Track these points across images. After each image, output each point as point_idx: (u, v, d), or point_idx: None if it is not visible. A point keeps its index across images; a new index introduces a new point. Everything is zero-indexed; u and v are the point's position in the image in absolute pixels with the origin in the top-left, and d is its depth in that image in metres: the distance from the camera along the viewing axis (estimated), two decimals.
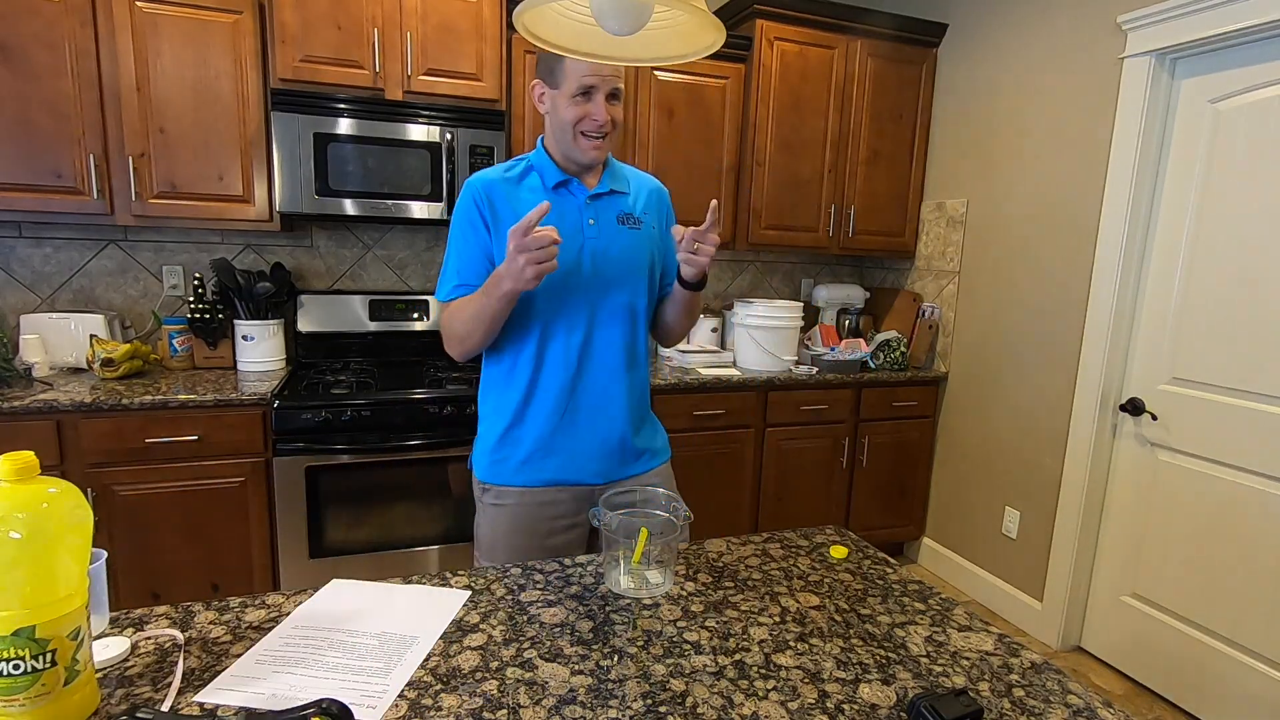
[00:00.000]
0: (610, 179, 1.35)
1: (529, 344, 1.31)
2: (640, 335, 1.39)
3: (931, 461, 3.14)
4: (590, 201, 1.32)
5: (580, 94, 1.23)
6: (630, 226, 1.35)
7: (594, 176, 1.34)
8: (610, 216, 1.34)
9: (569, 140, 1.27)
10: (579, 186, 1.33)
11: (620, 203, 1.36)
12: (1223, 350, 2.09)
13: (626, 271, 1.34)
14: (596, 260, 1.31)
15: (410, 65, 2.34)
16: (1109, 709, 0.81)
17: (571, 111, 1.24)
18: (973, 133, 2.89)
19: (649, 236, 1.37)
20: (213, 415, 2.10)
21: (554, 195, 1.30)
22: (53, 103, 2.10)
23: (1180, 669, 2.22)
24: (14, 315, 2.38)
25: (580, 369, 1.32)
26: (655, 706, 0.78)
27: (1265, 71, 1.97)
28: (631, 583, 1.04)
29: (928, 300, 3.14)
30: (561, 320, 1.30)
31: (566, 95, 1.24)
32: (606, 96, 1.24)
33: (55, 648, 0.65)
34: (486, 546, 1.37)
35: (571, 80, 1.22)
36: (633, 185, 1.40)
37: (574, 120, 1.25)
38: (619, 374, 1.35)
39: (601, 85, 1.23)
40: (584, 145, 1.27)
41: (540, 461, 1.34)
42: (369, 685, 0.78)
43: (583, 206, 1.32)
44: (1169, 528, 2.24)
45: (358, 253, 2.77)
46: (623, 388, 1.36)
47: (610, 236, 1.33)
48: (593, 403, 1.34)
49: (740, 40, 2.77)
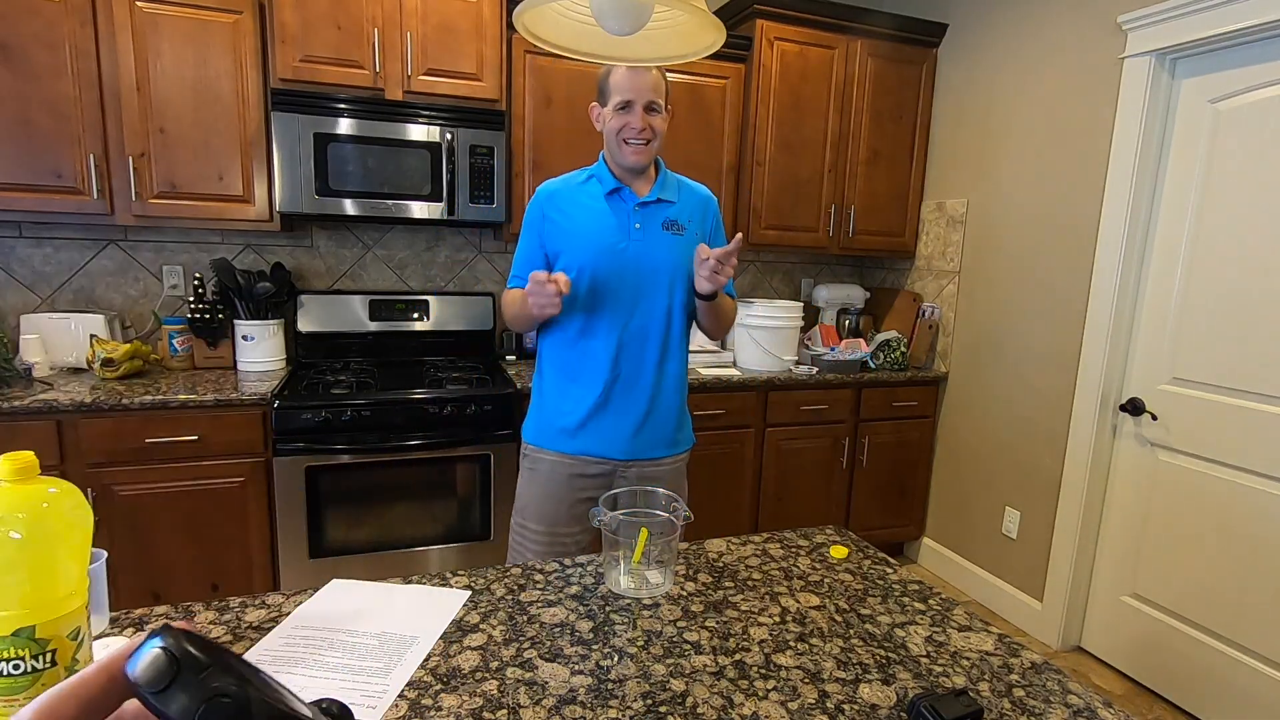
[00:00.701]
0: (660, 189, 1.52)
1: (575, 331, 1.51)
2: (675, 332, 1.54)
3: (931, 461, 3.14)
4: (638, 208, 1.50)
5: (621, 107, 1.43)
6: (674, 233, 1.51)
7: (645, 184, 1.52)
8: (656, 223, 1.50)
9: (616, 147, 1.46)
10: (630, 194, 1.50)
11: (667, 210, 1.52)
12: (1223, 350, 2.09)
13: (666, 273, 1.50)
14: (640, 261, 1.48)
15: (410, 65, 2.34)
16: (1109, 709, 0.81)
17: (615, 122, 1.44)
18: (973, 133, 2.89)
19: (690, 243, 1.51)
20: (213, 415, 2.10)
21: (607, 200, 1.49)
22: (53, 103, 2.10)
23: (1180, 669, 2.22)
24: (14, 315, 2.38)
25: (618, 357, 1.50)
26: (655, 706, 0.78)
27: (1265, 71, 1.97)
28: (631, 583, 1.04)
29: (928, 300, 3.14)
30: (606, 312, 1.49)
31: (611, 109, 1.44)
32: (644, 109, 1.42)
33: (55, 648, 0.65)
34: (521, 505, 1.58)
35: (614, 96, 1.43)
36: (681, 195, 1.56)
37: (616, 129, 1.44)
38: (653, 365, 1.52)
39: (638, 99, 1.42)
40: (626, 150, 1.45)
41: (575, 434, 1.53)
42: (369, 685, 0.78)
43: (631, 212, 1.49)
44: (1169, 528, 2.24)
45: (358, 253, 2.77)
46: (655, 378, 1.53)
47: (654, 241, 1.49)
48: (627, 390, 1.51)
49: (740, 40, 2.77)
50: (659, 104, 1.44)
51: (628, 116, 1.42)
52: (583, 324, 1.50)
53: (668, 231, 1.51)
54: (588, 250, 1.48)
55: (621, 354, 1.50)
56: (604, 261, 1.47)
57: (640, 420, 1.53)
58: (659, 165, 1.56)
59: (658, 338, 1.52)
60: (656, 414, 1.55)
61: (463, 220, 2.46)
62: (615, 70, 1.42)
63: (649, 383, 1.52)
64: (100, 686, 0.27)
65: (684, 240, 1.51)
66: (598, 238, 1.48)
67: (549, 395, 1.57)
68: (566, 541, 1.55)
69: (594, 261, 1.47)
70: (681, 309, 1.54)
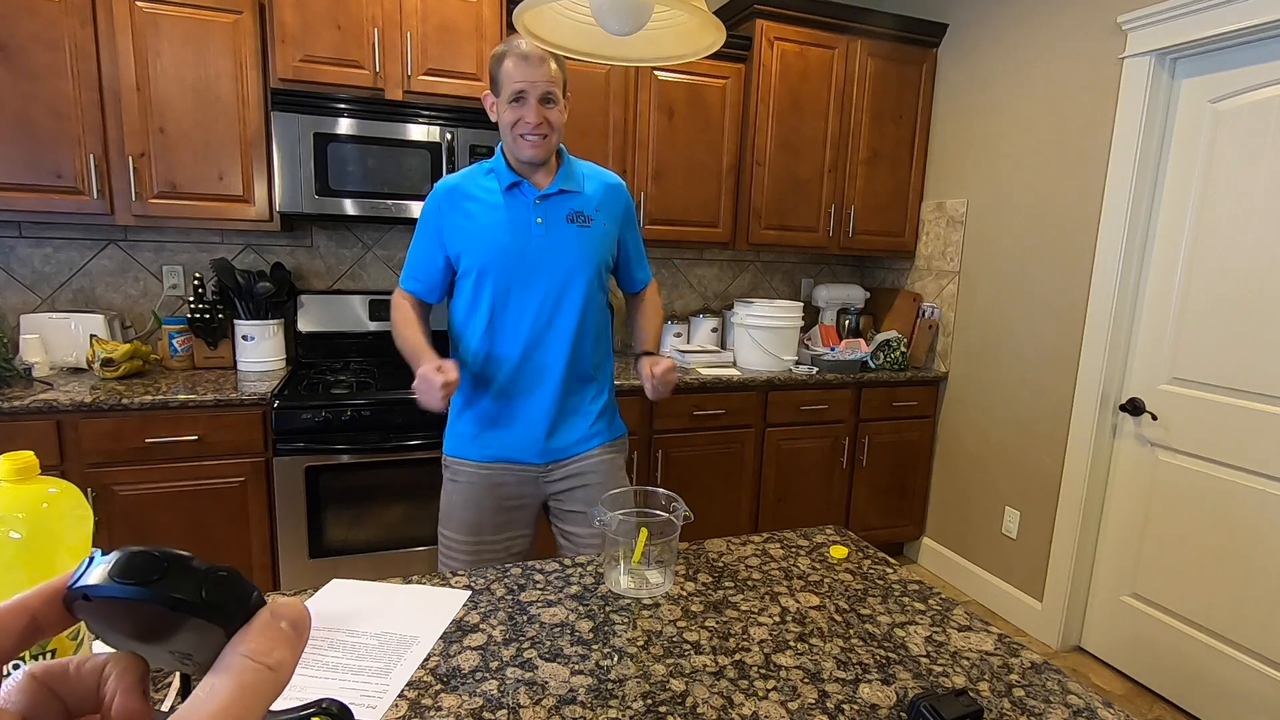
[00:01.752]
0: (563, 179, 1.44)
1: (480, 331, 1.45)
2: (588, 327, 1.49)
3: (931, 461, 3.14)
4: (539, 201, 1.42)
5: (514, 99, 1.35)
6: (580, 225, 1.45)
7: (546, 176, 1.44)
8: (559, 215, 1.43)
9: (511, 141, 1.39)
10: (529, 188, 1.43)
11: (571, 201, 1.45)
12: (1223, 350, 2.09)
13: (572, 268, 1.44)
14: (544, 256, 1.42)
15: (410, 65, 2.34)
16: (1109, 709, 0.81)
17: (508, 115, 1.37)
18: (973, 133, 2.89)
19: (599, 234, 1.47)
20: (213, 415, 2.10)
21: (505, 196, 1.42)
22: (53, 103, 2.10)
23: (1180, 669, 2.21)
24: (14, 315, 2.38)
25: (524, 357, 1.45)
26: (655, 706, 0.78)
27: (1265, 71, 1.97)
28: (631, 583, 1.04)
29: (928, 300, 3.14)
30: (510, 312, 1.43)
31: (504, 101, 1.37)
32: (539, 101, 1.34)
33: (54, 648, 0.65)
34: (443, 514, 1.54)
35: (506, 87, 1.35)
36: (588, 184, 1.48)
37: (511, 122, 1.37)
38: (561, 364, 1.46)
39: (531, 90, 1.34)
40: (522, 144, 1.38)
41: (487, 438, 1.48)
42: (369, 685, 0.78)
43: (531, 206, 1.42)
44: (1169, 528, 2.24)
45: (358, 253, 2.77)
46: (563, 377, 1.47)
47: (558, 235, 1.43)
48: (533, 390, 1.47)
49: (740, 40, 2.77)
50: (555, 94, 1.36)
51: (521, 110, 1.35)
52: (485, 327, 1.44)
53: (573, 224, 1.44)
54: (489, 250, 1.41)
55: (527, 355, 1.45)
56: (506, 260, 1.41)
57: (550, 422, 1.47)
58: (561, 154, 1.47)
59: (566, 334, 1.45)
60: (569, 413, 1.50)
61: None
62: (507, 58, 1.34)
63: (557, 380, 1.46)
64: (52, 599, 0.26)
65: (591, 231, 1.45)
66: (498, 235, 1.41)
67: (459, 401, 1.51)
68: (496, 549, 1.50)
69: (496, 261, 1.41)
70: (593, 303, 1.48)
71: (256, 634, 0.25)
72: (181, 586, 0.24)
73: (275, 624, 0.25)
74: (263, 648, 0.24)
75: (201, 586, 0.25)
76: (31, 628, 0.26)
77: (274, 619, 0.25)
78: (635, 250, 1.62)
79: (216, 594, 0.25)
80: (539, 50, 1.31)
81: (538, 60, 1.33)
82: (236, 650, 0.24)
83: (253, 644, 0.24)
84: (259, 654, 0.24)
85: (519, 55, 1.33)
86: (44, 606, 0.26)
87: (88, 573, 0.25)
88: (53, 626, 0.26)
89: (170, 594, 0.24)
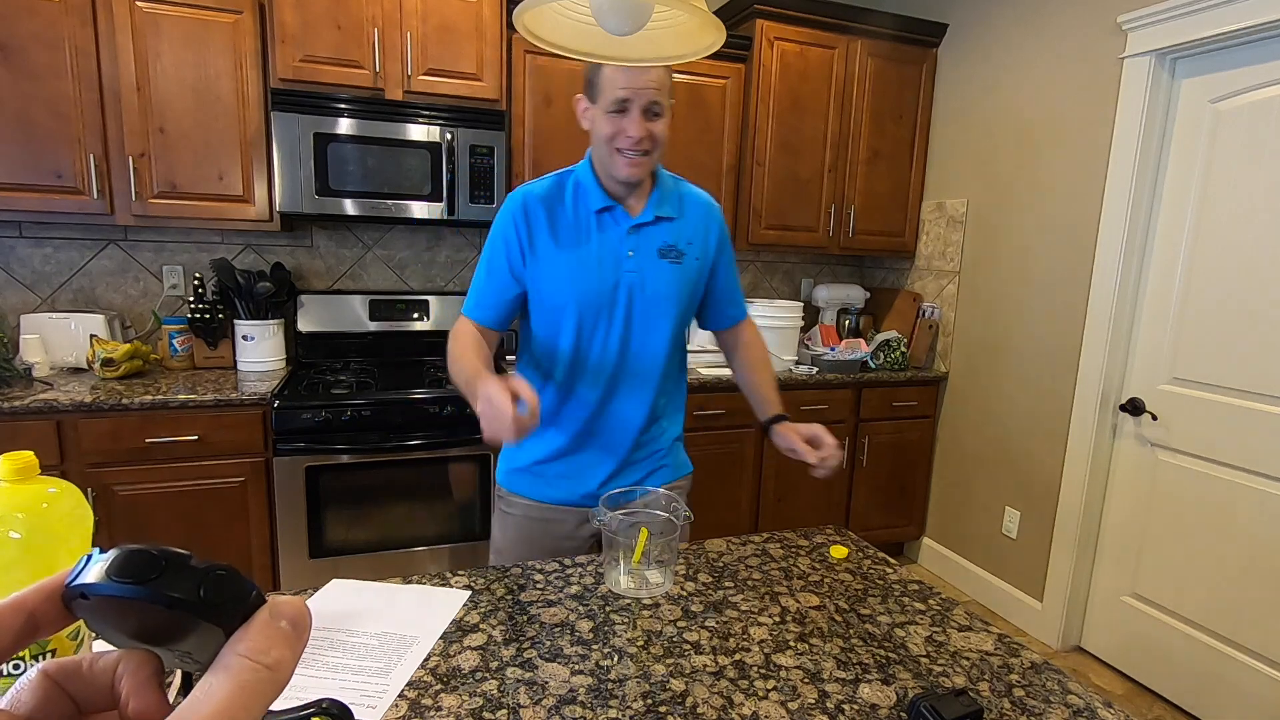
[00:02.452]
0: (657, 203, 1.27)
1: (558, 369, 1.29)
2: (672, 369, 1.35)
3: (931, 461, 3.14)
4: (632, 232, 1.26)
5: (616, 109, 1.16)
6: (671, 260, 1.28)
7: (639, 200, 1.27)
8: (652, 249, 1.27)
9: (608, 156, 1.21)
10: (622, 214, 1.26)
11: (665, 232, 1.28)
12: (1223, 350, 2.09)
13: (661, 307, 1.28)
14: (632, 294, 1.26)
15: (410, 65, 2.34)
16: (1109, 709, 0.81)
17: (607, 126, 1.18)
18: (973, 133, 2.89)
19: (690, 269, 1.31)
20: (213, 415, 2.10)
21: (597, 219, 1.25)
22: (53, 103, 2.10)
23: (1180, 669, 2.21)
24: (14, 315, 2.38)
25: (604, 400, 1.30)
26: (655, 706, 0.78)
27: (1265, 71, 1.97)
28: (631, 583, 1.04)
29: (928, 300, 3.14)
30: (590, 355, 1.27)
31: (603, 110, 1.18)
32: (643, 111, 1.16)
33: (54, 648, 0.65)
34: (496, 549, 1.41)
35: (607, 94, 1.16)
36: (684, 208, 1.32)
37: (609, 136, 1.18)
38: (641, 409, 1.32)
39: (636, 99, 1.15)
40: (619, 162, 1.19)
41: (551, 481, 1.34)
42: (369, 685, 0.78)
43: (623, 237, 1.25)
44: (1169, 528, 2.24)
45: (358, 253, 2.77)
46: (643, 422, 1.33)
47: (649, 271, 1.26)
48: (607, 435, 1.32)
49: (740, 40, 2.77)
50: (661, 104, 1.17)
51: (623, 121, 1.16)
52: (562, 367, 1.29)
53: (665, 259, 1.27)
54: (573, 285, 1.24)
55: (605, 399, 1.30)
56: (591, 298, 1.24)
57: (617, 466, 1.34)
58: (655, 171, 1.30)
59: (649, 378, 1.31)
60: (639, 457, 1.36)
61: (463, 220, 2.46)
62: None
63: (635, 427, 1.32)
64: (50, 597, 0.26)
65: (683, 268, 1.29)
66: (586, 270, 1.24)
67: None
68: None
69: (580, 298, 1.24)
70: (677, 343, 1.35)
71: (255, 633, 0.25)
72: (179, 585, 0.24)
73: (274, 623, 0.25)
74: (261, 647, 0.24)
75: (199, 585, 0.24)
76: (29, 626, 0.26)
77: (273, 618, 0.25)
78: (727, 283, 1.41)
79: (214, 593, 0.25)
80: None
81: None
82: (234, 650, 0.24)
83: (251, 643, 0.24)
84: (257, 653, 0.24)
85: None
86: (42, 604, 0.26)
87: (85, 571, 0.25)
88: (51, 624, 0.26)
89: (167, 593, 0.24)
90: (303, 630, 0.26)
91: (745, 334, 1.47)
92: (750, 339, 1.47)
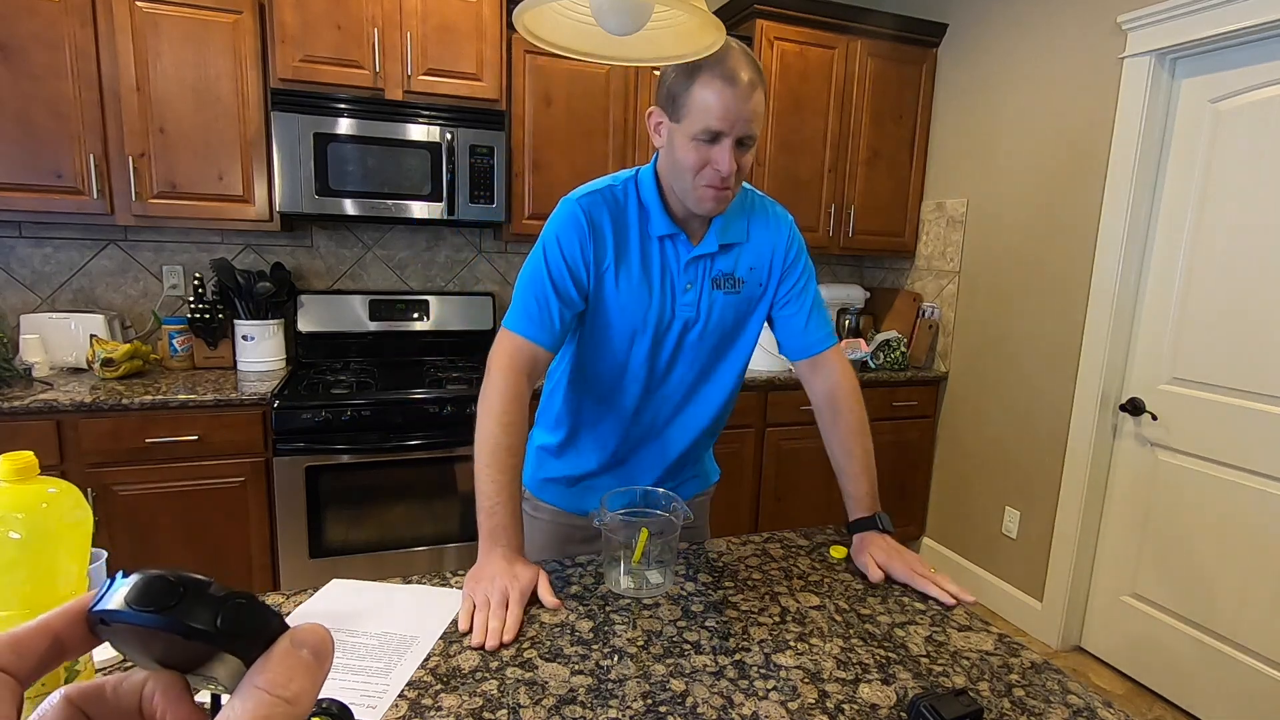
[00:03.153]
0: (721, 230, 1.15)
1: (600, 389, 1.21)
2: (721, 400, 1.27)
3: (931, 461, 3.14)
4: (691, 263, 1.15)
5: (706, 138, 1.02)
6: (726, 290, 1.17)
7: (703, 225, 1.15)
8: (708, 279, 1.16)
9: (686, 186, 1.07)
10: (684, 243, 1.14)
11: (724, 260, 1.17)
12: (1223, 350, 2.09)
13: (712, 340, 1.19)
14: (687, 327, 1.17)
15: (410, 65, 2.34)
16: (1109, 709, 0.81)
17: (691, 156, 1.04)
18: (973, 133, 2.89)
19: (748, 298, 1.20)
20: (213, 415, 2.10)
21: (659, 245, 1.14)
22: (53, 103, 2.10)
23: (1180, 669, 2.21)
24: (14, 315, 2.38)
25: (648, 428, 1.24)
26: (655, 706, 0.78)
27: (1265, 71, 1.97)
28: (631, 583, 1.04)
29: (928, 300, 3.14)
30: (640, 378, 1.19)
31: (687, 134, 1.03)
32: (735, 143, 1.02)
33: None
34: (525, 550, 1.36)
35: (696, 119, 1.01)
36: (752, 228, 1.19)
37: (693, 167, 1.04)
38: (689, 434, 1.25)
39: (731, 132, 1.01)
40: (702, 195, 1.06)
41: (582, 493, 1.30)
42: (369, 685, 0.78)
43: (682, 268, 1.15)
44: (1169, 528, 2.24)
45: (358, 253, 2.77)
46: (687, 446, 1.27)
47: (704, 304, 1.17)
48: (652, 457, 1.27)
49: (740, 40, 2.77)
50: (755, 136, 1.04)
51: (713, 151, 1.02)
52: (604, 389, 1.21)
53: (719, 289, 1.17)
54: (625, 316, 1.14)
55: (649, 427, 1.24)
56: (641, 329, 1.15)
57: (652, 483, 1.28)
58: None
59: (698, 409, 1.24)
60: (671, 475, 1.31)
61: (462, 220, 2.46)
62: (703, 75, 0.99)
63: (676, 452, 1.26)
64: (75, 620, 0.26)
65: (740, 298, 1.19)
66: (640, 300, 1.14)
67: (550, 450, 1.31)
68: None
69: (631, 328, 1.15)
70: (729, 375, 1.25)
71: (275, 664, 0.24)
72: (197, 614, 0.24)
73: (295, 652, 0.25)
74: (280, 679, 0.24)
75: (217, 614, 0.24)
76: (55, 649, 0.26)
77: (294, 646, 0.25)
78: (800, 306, 1.24)
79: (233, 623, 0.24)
80: (749, 71, 1.00)
81: (747, 89, 1.00)
82: (254, 681, 0.24)
83: (270, 675, 0.24)
84: (275, 686, 0.24)
85: (723, 76, 0.99)
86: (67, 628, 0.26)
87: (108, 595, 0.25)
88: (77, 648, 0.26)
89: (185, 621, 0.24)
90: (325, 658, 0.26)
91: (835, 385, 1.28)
92: (847, 396, 1.28)
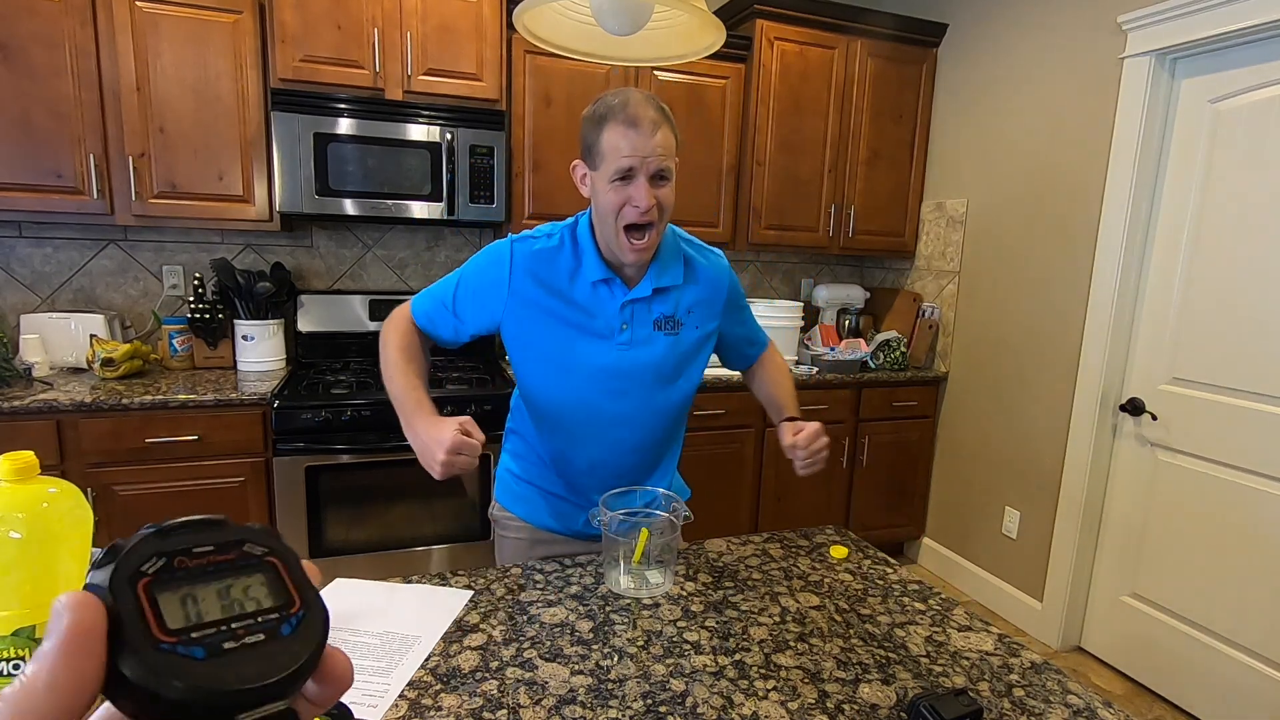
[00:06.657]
0: (656, 274, 1.17)
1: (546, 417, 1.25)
2: (669, 433, 1.30)
3: (931, 461, 3.14)
4: (625, 306, 1.17)
5: (620, 178, 1.05)
6: (666, 332, 1.20)
7: (639, 271, 1.18)
8: (647, 320, 1.19)
9: (610, 233, 1.10)
10: (620, 288, 1.16)
11: (662, 303, 1.19)
12: (1223, 350, 2.09)
13: (655, 378, 1.21)
14: (623, 366, 1.19)
15: (410, 65, 2.34)
16: (1109, 709, 0.81)
17: (611, 198, 1.06)
18: (973, 133, 2.89)
19: (687, 339, 1.23)
20: (213, 415, 2.10)
21: (591, 291, 1.16)
22: (53, 103, 2.10)
23: (1180, 669, 2.21)
24: (14, 315, 2.38)
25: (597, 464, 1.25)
26: (655, 706, 0.78)
27: (1265, 71, 1.97)
28: (631, 583, 1.04)
29: (928, 300, 3.14)
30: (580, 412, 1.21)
31: (605, 178, 1.06)
32: (651, 178, 1.05)
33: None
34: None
35: (609, 161, 1.05)
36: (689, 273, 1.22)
37: (614, 207, 1.06)
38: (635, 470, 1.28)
39: (641, 167, 1.04)
40: (625, 245, 1.09)
41: (538, 507, 1.32)
42: (370, 685, 0.79)
43: (617, 311, 1.17)
44: (1169, 528, 2.24)
45: (358, 252, 2.77)
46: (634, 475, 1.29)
47: (642, 343, 1.19)
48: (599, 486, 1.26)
49: (740, 40, 2.77)
50: (669, 169, 1.06)
51: (629, 189, 1.05)
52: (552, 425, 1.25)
53: (660, 331, 1.19)
54: (561, 357, 1.17)
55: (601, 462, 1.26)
56: (578, 368, 1.18)
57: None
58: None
59: (644, 445, 1.27)
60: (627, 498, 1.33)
61: (462, 220, 2.46)
62: (608, 123, 1.04)
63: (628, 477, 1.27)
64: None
65: (680, 339, 1.22)
66: (575, 343, 1.16)
67: (515, 468, 1.34)
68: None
69: (566, 367, 1.18)
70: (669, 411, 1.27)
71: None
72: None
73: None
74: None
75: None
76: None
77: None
78: (742, 333, 1.37)
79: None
80: (650, 111, 1.04)
81: (650, 126, 1.03)
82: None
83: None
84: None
85: (626, 121, 1.03)
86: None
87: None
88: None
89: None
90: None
91: (766, 356, 1.43)
92: (770, 358, 1.43)
